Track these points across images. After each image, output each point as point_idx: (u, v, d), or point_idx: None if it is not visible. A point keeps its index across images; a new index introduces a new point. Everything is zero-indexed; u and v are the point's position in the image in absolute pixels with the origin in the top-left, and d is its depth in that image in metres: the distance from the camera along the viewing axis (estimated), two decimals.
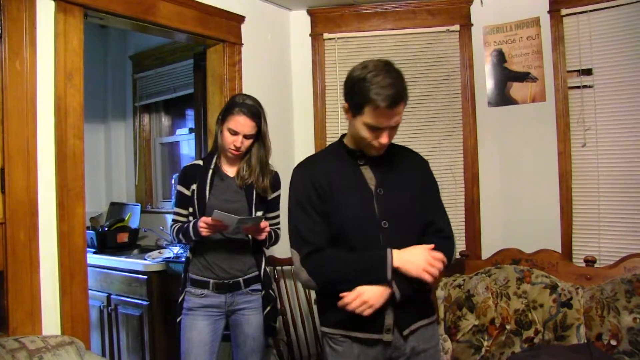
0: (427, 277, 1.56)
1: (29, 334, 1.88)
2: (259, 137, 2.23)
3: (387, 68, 1.56)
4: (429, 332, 1.72)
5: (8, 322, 1.87)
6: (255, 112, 2.17)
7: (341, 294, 1.56)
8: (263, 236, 2.18)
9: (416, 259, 1.57)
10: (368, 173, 1.69)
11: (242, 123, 2.14)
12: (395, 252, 1.58)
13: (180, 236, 2.19)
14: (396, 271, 1.56)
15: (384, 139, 1.59)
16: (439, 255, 1.58)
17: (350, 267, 1.59)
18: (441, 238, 1.69)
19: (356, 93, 1.55)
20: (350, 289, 1.57)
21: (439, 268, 1.57)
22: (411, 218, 1.68)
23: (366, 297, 1.54)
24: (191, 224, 2.14)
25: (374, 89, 1.50)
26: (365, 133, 1.59)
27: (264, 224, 2.14)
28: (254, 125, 2.17)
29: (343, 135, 1.77)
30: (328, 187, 1.65)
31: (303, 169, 1.73)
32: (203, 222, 2.06)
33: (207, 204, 2.18)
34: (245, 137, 2.16)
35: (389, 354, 1.66)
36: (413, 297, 1.61)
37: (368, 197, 1.66)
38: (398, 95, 1.52)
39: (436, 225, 1.72)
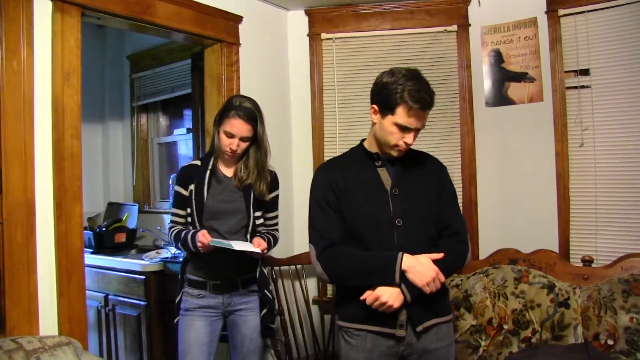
0: (427, 290, 1.64)
1: (26, 334, 1.87)
2: (256, 139, 2.22)
3: (417, 75, 1.71)
4: (443, 331, 1.76)
5: (5, 323, 1.86)
6: (252, 115, 2.16)
7: (361, 298, 1.66)
8: (258, 256, 2.20)
9: (423, 269, 1.64)
10: (384, 174, 1.78)
11: (237, 126, 2.13)
12: (406, 256, 1.65)
13: (180, 245, 2.17)
14: (404, 274, 1.64)
15: (409, 139, 1.70)
16: (442, 276, 1.67)
17: (362, 265, 1.69)
18: (456, 241, 1.78)
19: (390, 94, 1.66)
20: (360, 285, 1.67)
21: (437, 287, 1.66)
22: (425, 217, 1.76)
23: (385, 298, 1.63)
24: (189, 237, 2.12)
25: (408, 92, 1.64)
26: (393, 133, 1.69)
27: (262, 247, 2.14)
28: (250, 129, 2.16)
29: (363, 140, 1.86)
30: (345, 186, 1.76)
31: (322, 170, 1.86)
32: (200, 243, 2.07)
33: (205, 204, 2.17)
34: (242, 139, 2.16)
35: (401, 350, 1.71)
36: (428, 295, 1.66)
37: (383, 197, 1.74)
38: (430, 100, 1.69)
39: (452, 229, 1.80)
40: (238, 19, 2.88)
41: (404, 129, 1.68)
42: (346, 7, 3.22)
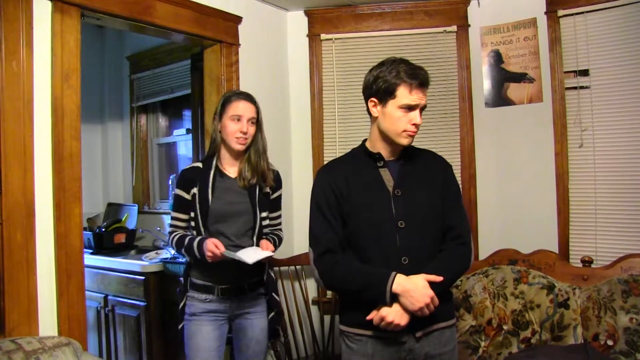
0: (419, 315, 1.59)
1: (25, 335, 1.87)
2: (257, 129, 2.21)
3: (406, 60, 1.70)
4: (446, 336, 1.72)
5: (4, 323, 1.86)
6: (253, 98, 2.19)
7: (368, 318, 1.62)
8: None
9: (417, 294, 1.58)
10: (387, 175, 1.74)
11: (243, 107, 2.14)
12: (399, 277, 1.60)
13: (183, 251, 2.11)
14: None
15: (417, 119, 1.67)
16: (436, 300, 1.60)
17: (356, 279, 1.65)
18: (459, 245, 1.74)
19: (386, 80, 1.66)
20: (354, 298, 1.67)
21: (431, 310, 1.60)
22: (428, 218, 1.72)
23: (390, 318, 1.59)
24: (195, 244, 2.05)
25: (404, 71, 1.64)
26: (399, 117, 1.66)
27: (270, 249, 2.12)
28: (255, 109, 2.17)
29: (364, 140, 1.83)
30: (346, 188, 1.72)
31: (324, 172, 1.82)
32: (211, 252, 2.00)
33: (211, 207, 2.12)
34: (250, 122, 2.15)
35: (403, 356, 1.68)
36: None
37: (385, 198, 1.71)
38: (426, 75, 1.68)
39: (455, 231, 1.75)
40: (237, 19, 2.88)
41: (409, 108, 1.66)
42: (345, 8, 3.22)
